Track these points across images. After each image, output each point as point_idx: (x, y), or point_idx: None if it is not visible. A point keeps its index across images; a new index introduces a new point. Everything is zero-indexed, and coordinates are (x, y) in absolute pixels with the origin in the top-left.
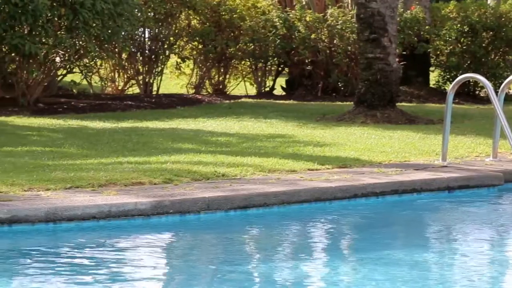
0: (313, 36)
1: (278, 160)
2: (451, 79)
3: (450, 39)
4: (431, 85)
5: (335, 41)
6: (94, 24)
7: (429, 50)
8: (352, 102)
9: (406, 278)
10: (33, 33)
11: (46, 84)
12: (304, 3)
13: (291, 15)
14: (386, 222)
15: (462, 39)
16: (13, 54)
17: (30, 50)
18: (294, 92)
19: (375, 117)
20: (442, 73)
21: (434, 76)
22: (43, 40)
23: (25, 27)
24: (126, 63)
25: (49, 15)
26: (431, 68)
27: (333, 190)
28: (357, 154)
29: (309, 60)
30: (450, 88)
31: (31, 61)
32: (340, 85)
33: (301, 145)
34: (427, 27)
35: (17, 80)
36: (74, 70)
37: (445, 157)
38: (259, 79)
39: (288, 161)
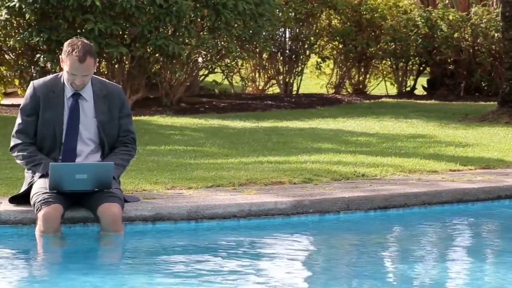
0: (456, 35)
1: (419, 160)
2: None
3: None
4: None
5: (478, 40)
6: (236, 25)
7: None
8: (495, 102)
9: None
10: (177, 33)
11: (188, 84)
12: (447, 1)
13: (433, 14)
14: None
15: None
16: (157, 55)
17: (173, 51)
18: (436, 92)
19: None
20: None
21: None
22: (186, 41)
23: (169, 28)
24: (267, 63)
25: (192, 16)
26: None
27: (476, 191)
28: (501, 154)
29: (452, 59)
30: None
31: (174, 61)
32: (483, 84)
33: (443, 145)
34: None
35: (161, 80)
36: (215, 70)
37: None
38: (400, 79)
39: (429, 162)
